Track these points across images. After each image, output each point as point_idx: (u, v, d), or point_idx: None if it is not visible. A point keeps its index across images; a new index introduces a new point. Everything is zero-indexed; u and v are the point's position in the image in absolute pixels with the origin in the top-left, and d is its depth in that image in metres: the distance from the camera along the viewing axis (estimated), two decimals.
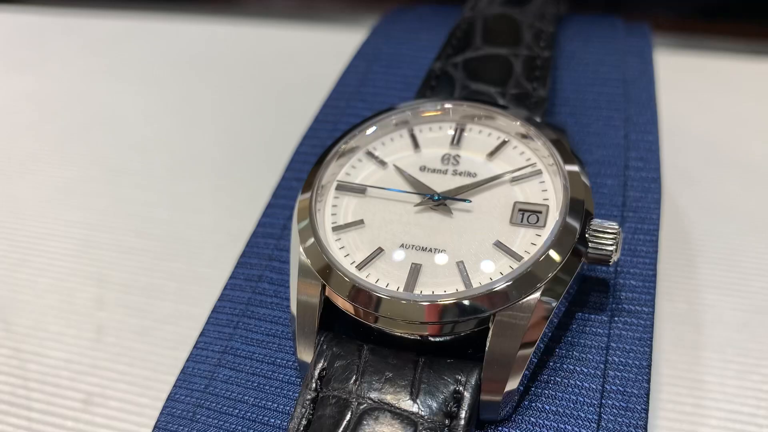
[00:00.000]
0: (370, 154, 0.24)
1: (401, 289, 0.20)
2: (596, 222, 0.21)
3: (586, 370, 0.20)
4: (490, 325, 0.19)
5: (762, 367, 0.26)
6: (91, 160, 0.36)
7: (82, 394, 0.26)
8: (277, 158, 0.32)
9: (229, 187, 0.34)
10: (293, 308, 0.21)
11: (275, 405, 0.21)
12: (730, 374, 0.25)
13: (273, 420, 0.20)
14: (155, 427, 0.21)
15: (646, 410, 0.20)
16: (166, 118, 0.39)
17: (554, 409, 0.20)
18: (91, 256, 0.31)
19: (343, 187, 0.23)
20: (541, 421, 0.20)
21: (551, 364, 0.21)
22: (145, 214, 0.33)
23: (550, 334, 0.20)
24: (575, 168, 0.22)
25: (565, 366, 0.21)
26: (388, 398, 0.19)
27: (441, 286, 0.20)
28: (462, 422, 0.18)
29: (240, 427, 0.20)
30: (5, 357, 0.28)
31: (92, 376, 0.27)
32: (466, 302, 0.19)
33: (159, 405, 0.24)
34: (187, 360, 0.22)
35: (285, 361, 0.22)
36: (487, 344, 0.19)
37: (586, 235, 0.20)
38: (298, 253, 0.21)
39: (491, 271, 0.20)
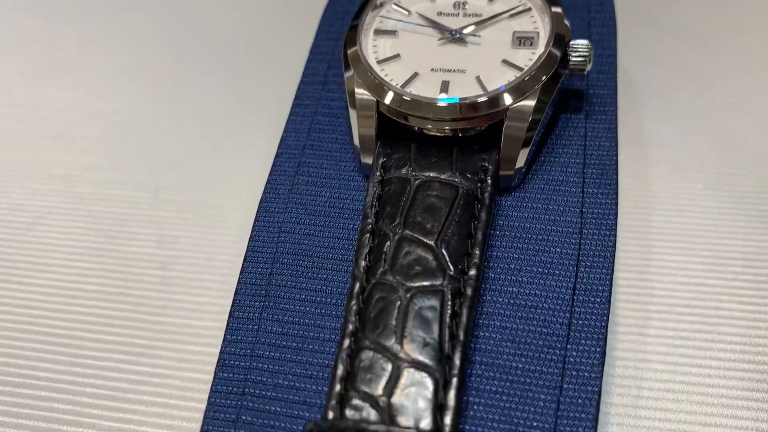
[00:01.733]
0: (397, 5, 0.30)
1: (438, 96, 0.27)
2: (573, 42, 0.28)
3: (569, 151, 0.28)
4: (504, 117, 0.26)
5: None
6: None
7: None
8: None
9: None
10: (355, 135, 0.28)
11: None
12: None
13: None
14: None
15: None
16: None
17: (545, 177, 0.28)
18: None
19: (380, 32, 0.29)
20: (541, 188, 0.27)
21: (544, 150, 0.28)
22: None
23: (543, 129, 0.28)
24: (558, 9, 0.29)
25: (552, 149, 0.28)
26: (435, 174, 0.26)
27: (465, 93, 0.27)
28: (489, 186, 0.26)
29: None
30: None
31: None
32: (484, 99, 0.26)
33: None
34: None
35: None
36: (503, 130, 0.26)
37: (567, 51, 0.27)
38: (353, 88, 0.28)
39: (502, 80, 0.27)
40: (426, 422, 0.22)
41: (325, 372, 0.25)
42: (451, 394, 0.22)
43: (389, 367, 0.23)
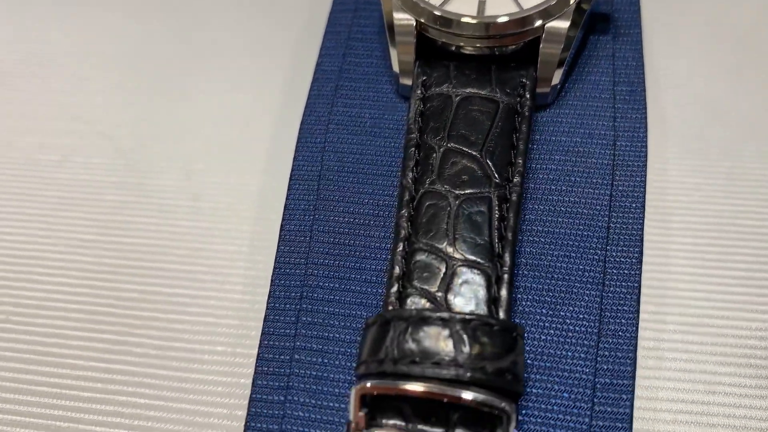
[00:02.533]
0: None
1: (475, 14, 0.28)
2: None
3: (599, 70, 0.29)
4: (540, 36, 0.27)
5: None
6: None
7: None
8: None
9: None
10: (393, 59, 0.28)
11: None
12: None
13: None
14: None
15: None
16: None
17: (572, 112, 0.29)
18: None
19: None
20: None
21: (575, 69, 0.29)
22: None
23: (575, 50, 0.29)
24: None
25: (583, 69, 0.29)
26: (476, 90, 0.27)
27: (502, 11, 0.28)
28: (528, 100, 0.27)
29: None
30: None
31: None
32: (518, 17, 0.27)
33: None
34: None
35: None
36: (540, 50, 0.27)
37: None
38: (390, 10, 0.28)
39: (537, 0, 0.28)
40: (482, 312, 0.23)
41: (380, 276, 0.26)
42: (504, 289, 0.24)
43: (443, 266, 0.24)
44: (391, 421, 0.22)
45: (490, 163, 0.26)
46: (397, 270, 0.24)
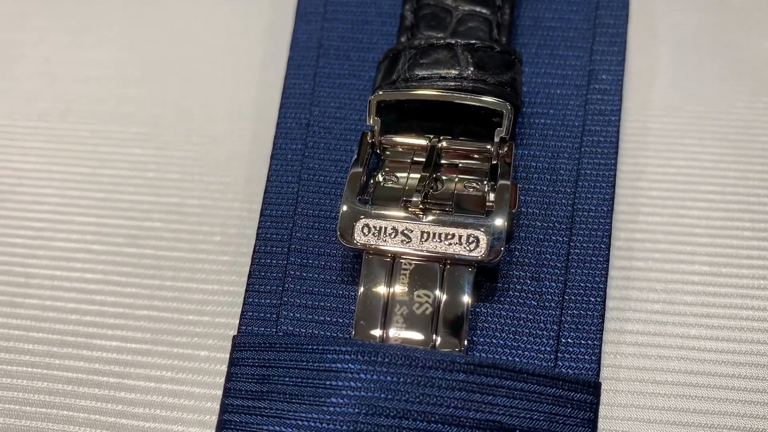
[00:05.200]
0: None
1: None
2: None
3: None
4: None
5: None
6: None
7: None
8: None
9: None
10: None
11: None
12: None
13: None
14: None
15: None
16: None
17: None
18: None
19: None
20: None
21: None
22: None
23: None
24: None
25: None
26: None
27: None
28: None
29: None
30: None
31: None
32: None
33: None
34: None
35: None
36: None
37: None
38: None
39: None
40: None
41: None
42: (504, 34, 0.26)
43: (448, 17, 0.26)
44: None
45: None
46: (407, 21, 0.27)
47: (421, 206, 0.22)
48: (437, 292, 0.23)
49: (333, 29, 0.29)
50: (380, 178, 0.24)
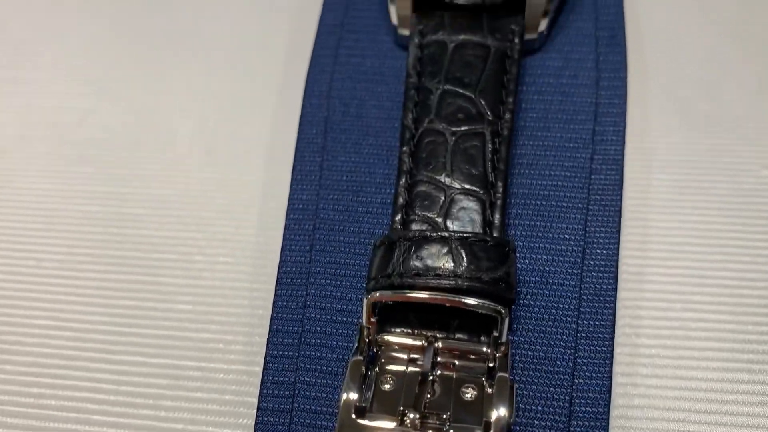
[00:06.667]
0: None
1: None
2: None
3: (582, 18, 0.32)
4: None
5: None
6: None
7: None
8: None
9: None
10: (392, 14, 0.31)
11: None
12: None
13: None
14: None
15: None
16: None
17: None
18: None
19: None
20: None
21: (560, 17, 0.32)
22: None
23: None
24: None
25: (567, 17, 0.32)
26: (469, 36, 0.29)
27: None
28: (517, 45, 0.29)
29: None
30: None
31: None
32: None
33: None
34: None
35: None
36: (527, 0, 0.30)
37: None
38: None
39: None
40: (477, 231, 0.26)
41: (385, 208, 0.28)
42: (497, 213, 0.26)
43: (442, 195, 0.26)
44: (399, 329, 0.25)
45: (483, 102, 0.28)
46: (400, 200, 0.27)
47: (418, 421, 0.22)
48: None
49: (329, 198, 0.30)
50: (376, 376, 0.24)
